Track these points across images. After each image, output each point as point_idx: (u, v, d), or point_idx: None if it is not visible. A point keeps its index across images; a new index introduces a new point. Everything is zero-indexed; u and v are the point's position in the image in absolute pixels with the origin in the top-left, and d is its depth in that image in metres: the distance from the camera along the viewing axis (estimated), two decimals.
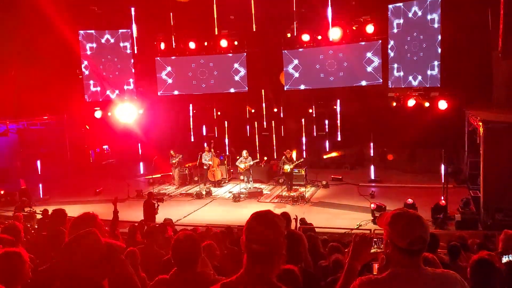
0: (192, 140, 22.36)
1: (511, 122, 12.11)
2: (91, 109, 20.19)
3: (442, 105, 15.48)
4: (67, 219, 5.19)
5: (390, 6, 17.33)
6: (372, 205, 12.99)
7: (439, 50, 15.87)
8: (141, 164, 20.62)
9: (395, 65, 17.55)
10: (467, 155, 16.70)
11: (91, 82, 20.71)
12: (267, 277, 2.19)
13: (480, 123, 12.29)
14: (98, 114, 19.98)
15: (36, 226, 10.40)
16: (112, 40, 20.59)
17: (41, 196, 17.06)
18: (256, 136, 21.51)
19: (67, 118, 21.43)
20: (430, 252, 5.20)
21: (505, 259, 4.73)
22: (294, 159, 16.69)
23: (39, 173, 17.63)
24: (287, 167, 16.31)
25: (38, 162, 17.67)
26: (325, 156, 20.70)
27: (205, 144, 18.69)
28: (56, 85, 20.73)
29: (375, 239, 2.55)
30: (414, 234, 2.29)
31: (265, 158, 20.04)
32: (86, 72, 20.68)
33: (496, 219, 11.51)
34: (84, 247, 2.52)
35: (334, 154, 20.60)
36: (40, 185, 17.29)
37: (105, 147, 23.63)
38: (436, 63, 16.05)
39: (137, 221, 10.44)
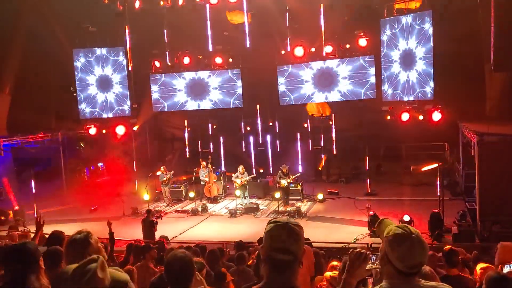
0: (188, 156, 22.31)
1: (505, 134, 12.18)
2: (85, 126, 20.15)
3: (436, 116, 15.56)
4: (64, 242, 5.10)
5: (383, 20, 17.52)
6: (371, 212, 13.00)
7: (432, 63, 15.99)
8: (136, 181, 20.49)
9: (388, 79, 17.65)
10: (462, 168, 16.73)
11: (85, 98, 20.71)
12: (292, 285, 2.18)
13: (475, 135, 12.34)
14: (92, 131, 19.95)
15: None
16: (106, 58, 20.64)
17: (36, 215, 16.86)
18: (252, 151, 21.49)
19: (61, 136, 21.37)
20: (450, 267, 5.22)
21: (506, 269, 4.72)
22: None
23: (34, 191, 17.47)
24: (284, 182, 16.29)
25: (32, 181, 17.51)
26: (320, 168, 20.75)
27: (201, 160, 18.63)
28: (51, 103, 20.75)
29: (371, 256, 2.52)
30: (414, 260, 2.26)
31: (261, 171, 20.02)
32: (80, 90, 20.68)
33: (493, 231, 11.48)
34: None
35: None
36: (35, 204, 17.12)
37: (99, 164, 23.54)
38: (429, 76, 16.15)
39: (133, 239, 10.33)
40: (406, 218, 12.15)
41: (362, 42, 18.03)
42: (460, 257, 5.99)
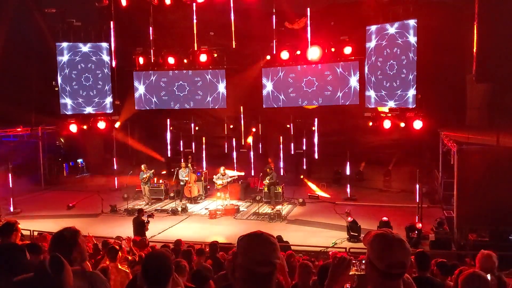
0: (169, 155, 22.16)
1: (484, 144, 12.38)
2: (66, 122, 19.88)
3: (417, 124, 15.73)
4: (17, 232, 4.67)
5: (368, 28, 17.66)
6: (349, 218, 13.07)
7: (415, 72, 16.16)
8: (116, 178, 20.29)
9: (372, 86, 17.79)
10: (441, 176, 16.95)
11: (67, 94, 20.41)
12: None
13: (454, 144, 12.51)
14: (73, 127, 19.67)
15: None
16: (90, 53, 20.35)
17: (12, 210, 16.60)
18: (234, 152, 21.44)
19: (41, 131, 21.06)
20: (421, 271, 5.25)
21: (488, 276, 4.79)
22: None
23: (10, 185, 17.16)
24: (265, 181, 16.40)
25: (10, 175, 17.19)
26: (302, 177, 20.79)
27: (182, 160, 18.51)
28: (31, 97, 20.42)
29: (354, 261, 2.51)
30: (393, 258, 2.23)
31: (242, 173, 20.01)
32: (62, 85, 20.38)
33: (469, 239, 11.65)
34: None
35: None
36: (11, 198, 16.82)
37: (79, 160, 23.26)
38: (411, 84, 16.32)
39: (113, 237, 10.19)
40: (385, 219, 12.33)
41: (347, 50, 18.14)
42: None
